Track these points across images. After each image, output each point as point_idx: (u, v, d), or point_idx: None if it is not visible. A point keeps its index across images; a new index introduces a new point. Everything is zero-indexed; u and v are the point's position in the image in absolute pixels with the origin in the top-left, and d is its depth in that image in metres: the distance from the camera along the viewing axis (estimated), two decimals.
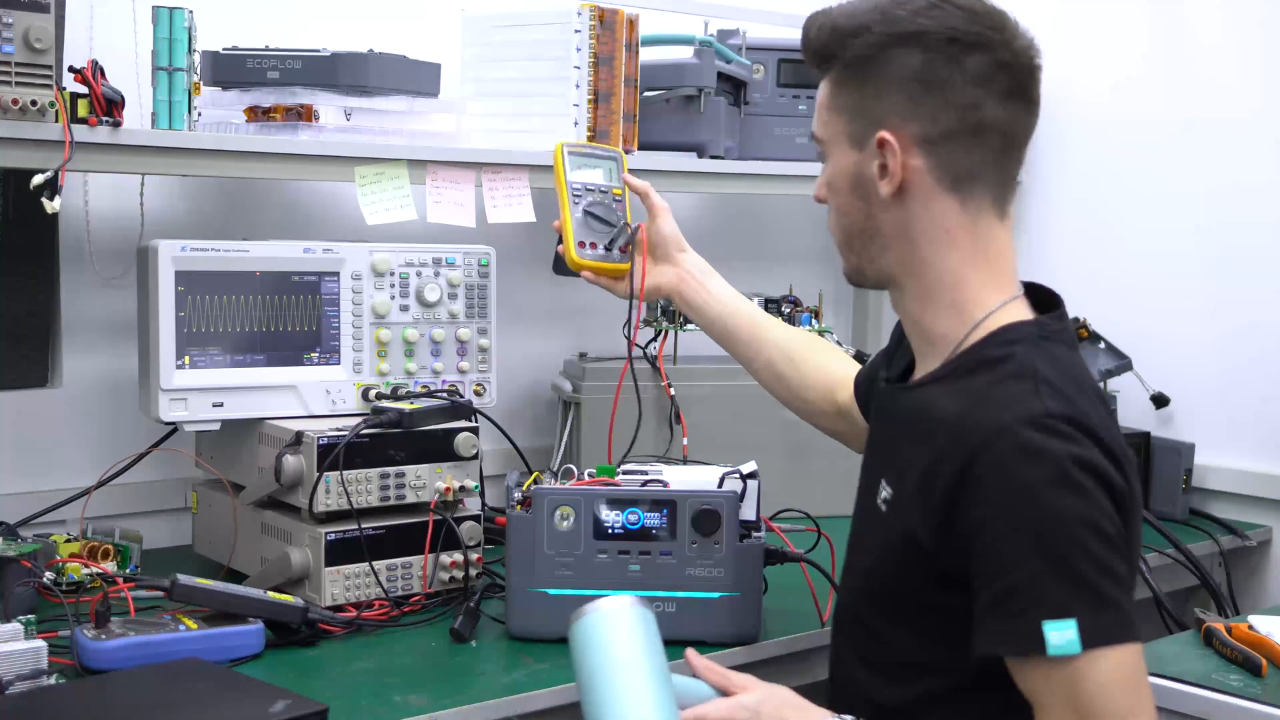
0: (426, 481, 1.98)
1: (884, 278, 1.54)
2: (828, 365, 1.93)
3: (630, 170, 2.45)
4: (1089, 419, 1.37)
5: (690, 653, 1.52)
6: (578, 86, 2.36)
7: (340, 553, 1.91)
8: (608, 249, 1.93)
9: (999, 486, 1.34)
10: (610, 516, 1.81)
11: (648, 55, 2.51)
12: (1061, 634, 1.29)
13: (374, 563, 1.92)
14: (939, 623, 1.45)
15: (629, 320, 1.97)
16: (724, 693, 1.49)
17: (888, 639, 1.51)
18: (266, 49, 2.14)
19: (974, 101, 1.44)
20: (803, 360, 1.92)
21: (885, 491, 1.50)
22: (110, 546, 2.04)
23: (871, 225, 1.51)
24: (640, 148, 2.47)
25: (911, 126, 1.45)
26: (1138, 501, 1.41)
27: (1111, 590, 1.32)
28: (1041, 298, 1.54)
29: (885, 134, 1.45)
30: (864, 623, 1.55)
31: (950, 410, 1.42)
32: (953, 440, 1.39)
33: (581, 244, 1.93)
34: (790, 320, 2.58)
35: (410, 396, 2.05)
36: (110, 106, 1.89)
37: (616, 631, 1.39)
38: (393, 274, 2.10)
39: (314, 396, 2.06)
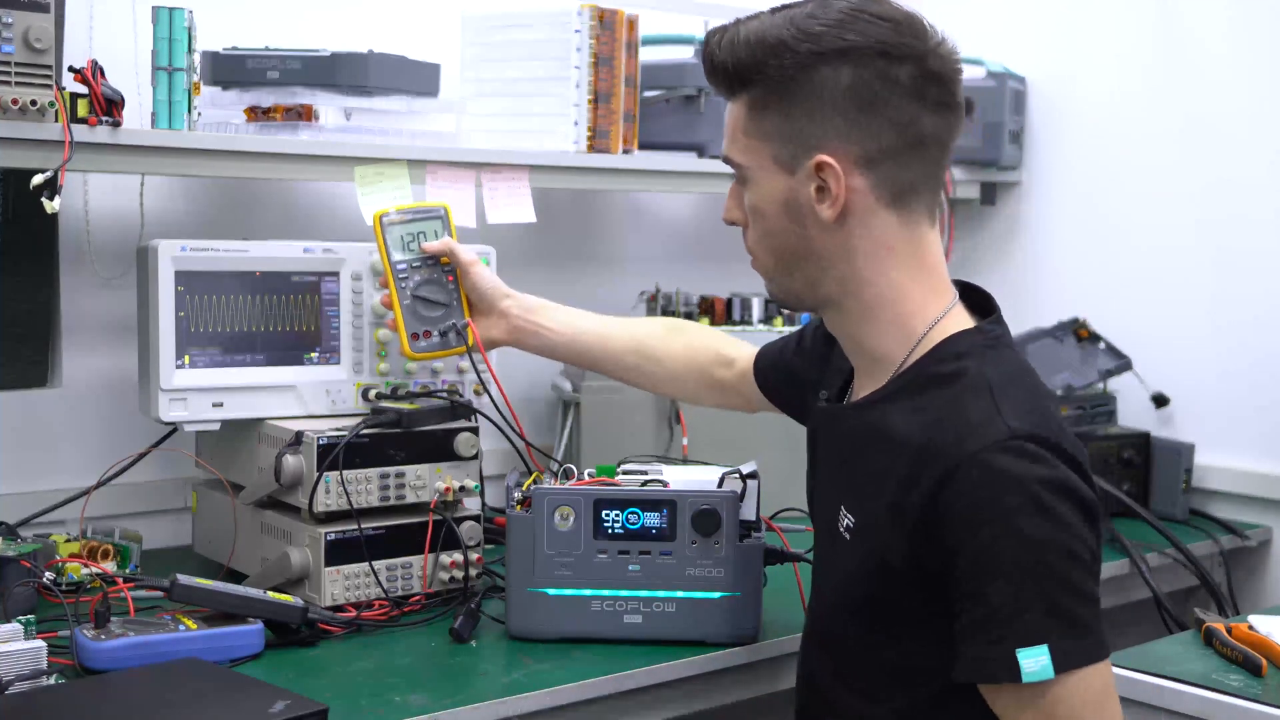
0: (426, 481, 1.98)
1: (821, 299, 1.51)
2: (690, 349, 1.96)
3: (623, 171, 2.46)
4: (1050, 431, 1.36)
5: None
6: (578, 86, 2.36)
7: (340, 553, 1.91)
8: (442, 336, 1.91)
9: (969, 516, 1.33)
10: (610, 516, 1.81)
11: (648, 55, 2.51)
12: (1035, 660, 1.30)
13: (374, 563, 1.92)
14: (918, 630, 1.44)
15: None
16: None
17: (866, 653, 1.49)
18: (266, 49, 2.14)
19: (912, 116, 1.42)
20: (663, 353, 1.95)
21: (847, 519, 1.48)
22: (110, 546, 2.04)
23: (806, 248, 1.47)
24: (640, 148, 2.47)
25: (851, 147, 1.41)
26: (1099, 503, 1.39)
27: (1083, 614, 1.32)
28: (975, 298, 1.53)
29: (825, 158, 1.41)
30: (841, 640, 1.53)
31: (910, 432, 1.40)
32: (918, 466, 1.37)
33: (414, 335, 1.91)
34: (790, 320, 2.58)
35: (410, 396, 2.05)
36: (110, 106, 1.89)
37: None
38: None
39: (314, 396, 2.06)
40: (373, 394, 2.06)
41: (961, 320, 1.48)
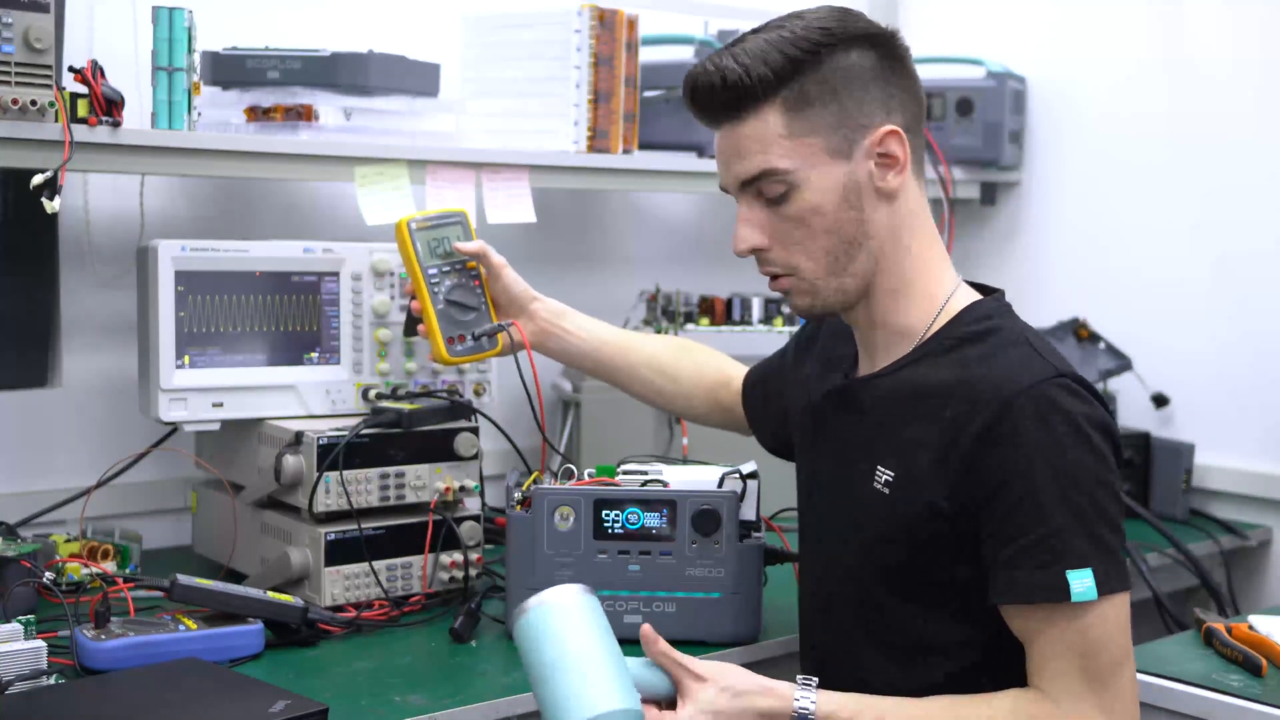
0: (426, 481, 1.98)
1: (862, 289, 1.56)
2: (700, 369, 2.00)
3: (623, 171, 2.46)
4: (1082, 377, 1.48)
5: (645, 631, 1.48)
6: (578, 86, 2.36)
7: (340, 553, 1.91)
8: (476, 339, 1.90)
9: (1025, 444, 1.42)
10: (610, 516, 1.81)
11: (648, 55, 2.51)
12: (1082, 581, 1.40)
13: (374, 563, 1.92)
14: (954, 599, 1.50)
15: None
16: (677, 681, 1.47)
17: (900, 618, 1.54)
18: (266, 49, 2.14)
19: (917, 88, 1.55)
20: (675, 370, 1.98)
21: (885, 475, 1.53)
22: (110, 546, 2.04)
23: (862, 232, 1.53)
24: (640, 148, 2.47)
25: (896, 117, 1.52)
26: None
27: (1116, 542, 1.45)
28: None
29: (891, 126, 1.50)
30: (876, 605, 1.57)
31: (954, 380, 1.48)
32: (968, 405, 1.45)
33: (450, 339, 1.90)
34: (790, 320, 2.58)
35: (410, 396, 2.05)
36: (110, 106, 1.89)
37: (569, 621, 1.40)
38: (393, 274, 2.10)
39: (314, 396, 2.06)
40: (373, 394, 2.06)
41: (971, 293, 1.59)
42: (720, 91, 1.50)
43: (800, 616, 1.73)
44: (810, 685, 1.47)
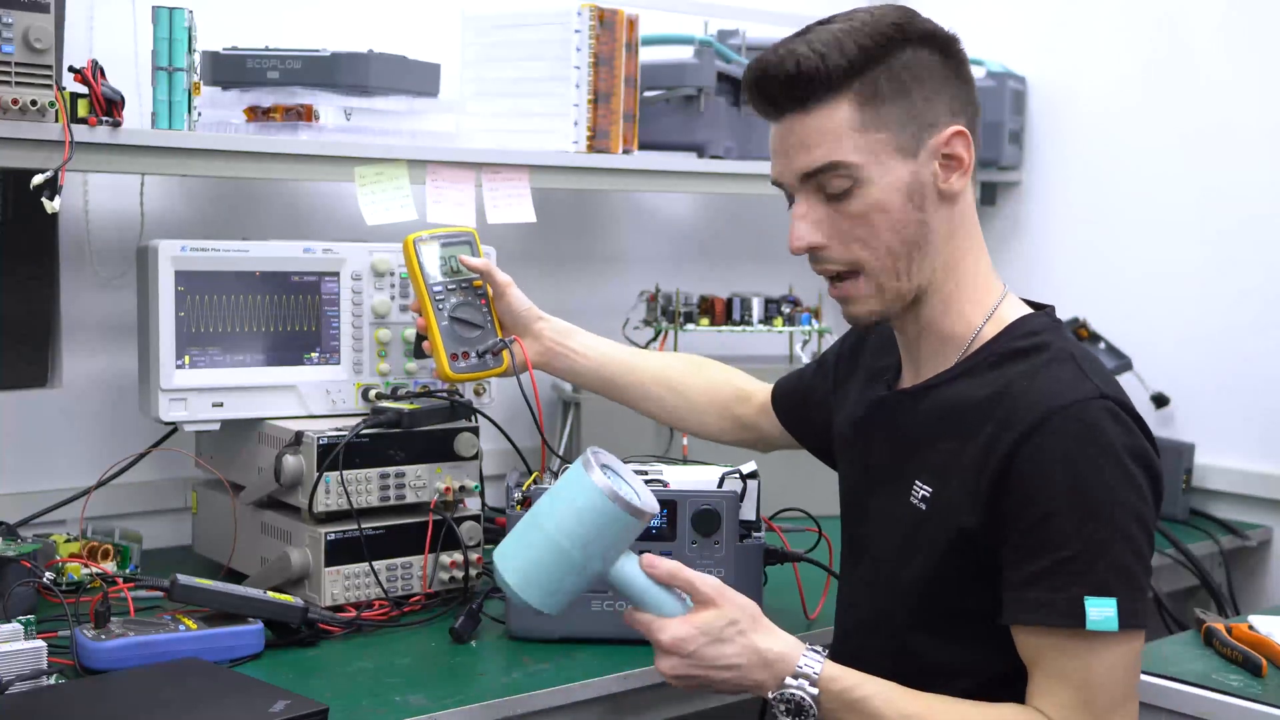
0: (426, 481, 1.98)
1: (918, 293, 1.51)
2: (712, 385, 1.97)
3: (623, 171, 2.46)
4: (1129, 403, 1.43)
5: (648, 559, 1.46)
6: (578, 86, 2.36)
7: (340, 553, 1.91)
8: (480, 356, 1.88)
9: (1056, 464, 1.37)
10: None
11: (648, 55, 2.51)
12: (1101, 611, 1.35)
13: (374, 563, 1.92)
14: (974, 626, 1.46)
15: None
16: (693, 597, 1.46)
17: (918, 647, 1.51)
18: (266, 49, 2.14)
19: (975, 94, 1.52)
20: (687, 387, 1.96)
21: (923, 490, 1.50)
22: (110, 546, 2.04)
23: (923, 234, 1.48)
24: (640, 148, 2.47)
25: (960, 119, 1.48)
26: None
27: (1142, 578, 1.39)
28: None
29: (959, 127, 1.47)
30: (894, 633, 1.54)
31: (993, 397, 1.44)
32: (1005, 419, 1.41)
33: (454, 356, 1.87)
34: (790, 321, 2.58)
35: (410, 396, 2.05)
36: (110, 106, 1.89)
37: (604, 500, 1.41)
38: (393, 274, 2.10)
39: (314, 396, 2.06)
40: (373, 394, 2.06)
41: (1020, 305, 1.55)
42: (793, 79, 1.44)
43: (834, 634, 1.70)
44: (818, 651, 1.45)
